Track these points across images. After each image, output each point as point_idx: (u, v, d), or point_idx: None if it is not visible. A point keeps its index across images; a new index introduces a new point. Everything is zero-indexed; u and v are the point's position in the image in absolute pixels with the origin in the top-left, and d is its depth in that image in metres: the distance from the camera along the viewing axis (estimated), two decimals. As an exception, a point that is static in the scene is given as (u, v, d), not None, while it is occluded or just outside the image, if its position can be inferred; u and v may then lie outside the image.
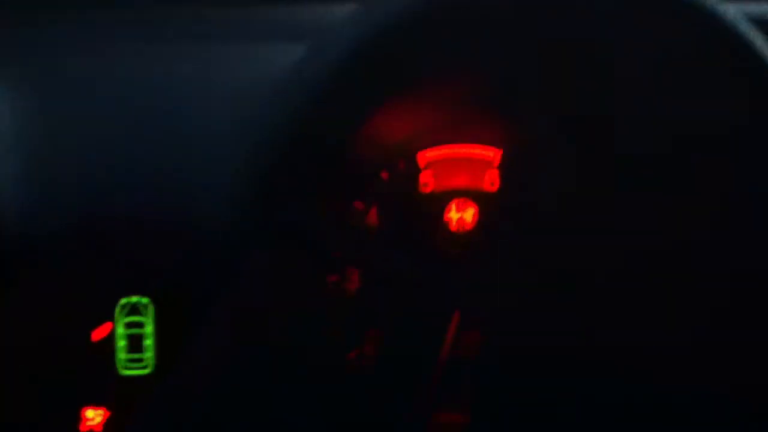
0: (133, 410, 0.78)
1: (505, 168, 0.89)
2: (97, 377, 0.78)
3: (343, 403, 0.86)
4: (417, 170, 0.89)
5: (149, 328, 0.78)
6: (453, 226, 0.89)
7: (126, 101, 0.82)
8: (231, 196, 0.74)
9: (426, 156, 0.89)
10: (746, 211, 0.77)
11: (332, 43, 0.71)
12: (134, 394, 0.78)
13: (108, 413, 0.79)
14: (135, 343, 0.78)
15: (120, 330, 0.79)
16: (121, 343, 0.79)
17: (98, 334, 0.79)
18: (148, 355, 0.78)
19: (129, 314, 0.79)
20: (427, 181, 0.89)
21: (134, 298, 0.78)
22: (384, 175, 0.89)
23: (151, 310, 0.78)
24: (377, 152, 0.89)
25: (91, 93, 0.81)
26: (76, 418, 0.79)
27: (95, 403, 0.79)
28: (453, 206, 0.89)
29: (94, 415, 0.79)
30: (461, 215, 0.89)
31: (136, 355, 0.78)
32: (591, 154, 0.86)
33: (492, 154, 0.89)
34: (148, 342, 0.78)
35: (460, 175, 0.90)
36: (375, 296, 0.88)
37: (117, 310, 0.79)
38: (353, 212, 0.89)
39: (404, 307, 0.87)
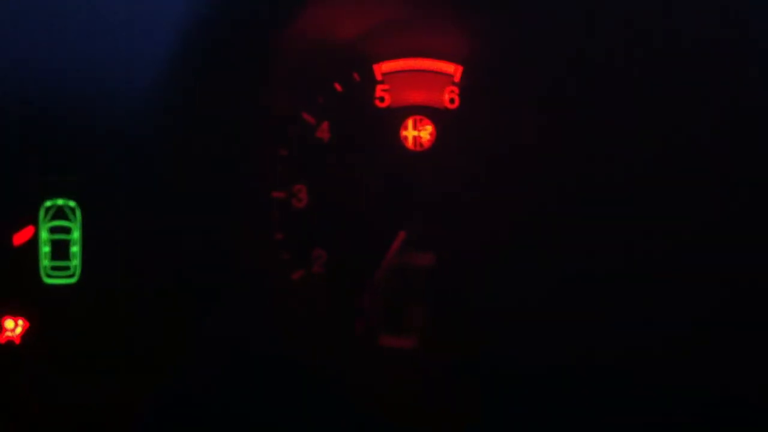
0: (56, 321, 0.72)
1: (465, 85, 0.84)
2: (18, 285, 0.73)
3: (289, 321, 0.81)
4: (373, 83, 0.84)
5: (76, 234, 0.73)
6: (409, 144, 0.84)
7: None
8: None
9: (383, 68, 0.84)
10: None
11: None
12: (58, 304, 0.72)
13: (28, 324, 0.73)
14: (60, 250, 0.73)
15: (44, 235, 0.73)
16: (45, 249, 0.73)
17: (20, 238, 0.73)
18: (74, 263, 0.73)
19: (54, 218, 0.73)
20: (383, 95, 0.84)
21: (60, 201, 0.72)
22: (337, 86, 0.84)
23: (78, 214, 0.73)
24: (330, 61, 0.83)
25: None
26: (-5, 329, 0.74)
27: (15, 313, 0.73)
28: (410, 123, 0.84)
29: (13, 326, 0.73)
30: (418, 133, 0.84)
31: (61, 263, 0.73)
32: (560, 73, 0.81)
33: (453, 69, 0.84)
34: (75, 249, 0.73)
35: (419, 90, 0.84)
36: (322, 214, 0.84)
37: (41, 213, 0.73)
38: (302, 124, 0.84)
39: (353, 225, 0.83)
